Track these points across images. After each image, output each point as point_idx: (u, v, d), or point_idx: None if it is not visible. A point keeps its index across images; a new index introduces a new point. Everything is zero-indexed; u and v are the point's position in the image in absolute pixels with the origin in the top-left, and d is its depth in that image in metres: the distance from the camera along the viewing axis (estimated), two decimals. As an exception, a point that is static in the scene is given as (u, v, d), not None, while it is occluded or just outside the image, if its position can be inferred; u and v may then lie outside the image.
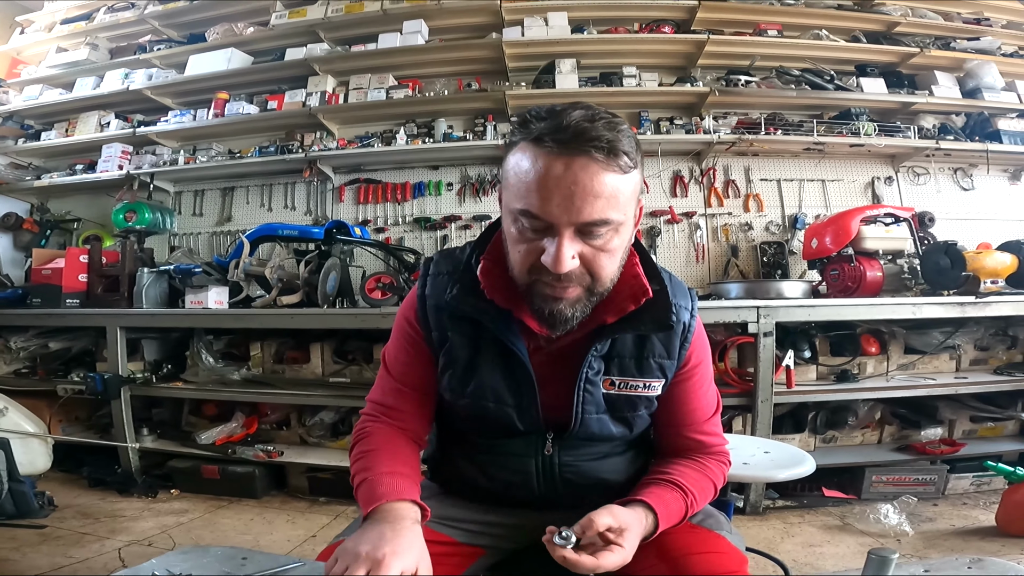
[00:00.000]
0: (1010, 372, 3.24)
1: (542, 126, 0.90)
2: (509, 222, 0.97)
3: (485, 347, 1.09)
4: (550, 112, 0.92)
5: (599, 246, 0.93)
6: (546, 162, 0.88)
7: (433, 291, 1.11)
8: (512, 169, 0.94)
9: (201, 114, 4.18)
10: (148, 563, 0.86)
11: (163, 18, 4.47)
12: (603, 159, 0.88)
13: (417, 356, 1.14)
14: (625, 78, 3.84)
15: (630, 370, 1.09)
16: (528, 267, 0.95)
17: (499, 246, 1.05)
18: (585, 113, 0.90)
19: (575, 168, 0.87)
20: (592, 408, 1.09)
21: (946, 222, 3.61)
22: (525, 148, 0.92)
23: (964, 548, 2.50)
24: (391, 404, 1.15)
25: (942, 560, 0.82)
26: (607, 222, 0.91)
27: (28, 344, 3.69)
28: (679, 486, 1.06)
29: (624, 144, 0.90)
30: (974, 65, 3.91)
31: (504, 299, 1.03)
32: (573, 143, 0.87)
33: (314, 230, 3.56)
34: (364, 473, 1.03)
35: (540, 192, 0.89)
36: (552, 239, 0.90)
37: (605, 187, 0.88)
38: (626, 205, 0.93)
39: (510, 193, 0.95)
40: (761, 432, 2.88)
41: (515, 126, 0.96)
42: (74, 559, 2.38)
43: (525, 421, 1.09)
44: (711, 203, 3.90)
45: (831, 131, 3.71)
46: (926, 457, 3.05)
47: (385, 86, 3.97)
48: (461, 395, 1.10)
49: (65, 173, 4.40)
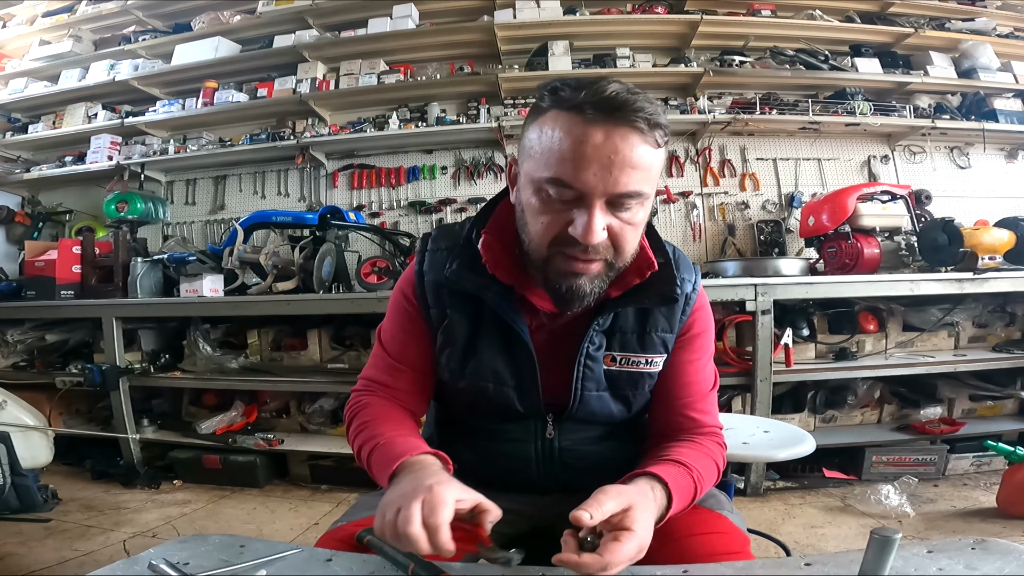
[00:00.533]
0: (1009, 349, 3.24)
1: (580, 95, 0.87)
2: (530, 192, 0.93)
3: (485, 325, 1.06)
4: (586, 82, 0.89)
5: (627, 219, 0.91)
6: (584, 130, 0.86)
7: (432, 267, 1.08)
8: (540, 137, 0.91)
9: (190, 103, 4.15)
10: (146, 552, 0.85)
11: (147, 8, 4.41)
12: (645, 130, 0.87)
13: (415, 333, 1.11)
14: (619, 59, 3.82)
15: (632, 345, 1.07)
16: (551, 238, 0.92)
17: (501, 220, 1.04)
18: (623, 87, 0.88)
19: (615, 137, 0.86)
20: (592, 385, 1.07)
21: (943, 200, 3.60)
22: (558, 116, 0.89)
23: (966, 530, 2.49)
24: (386, 381, 1.11)
25: (945, 541, 0.81)
26: (639, 194, 0.90)
27: (25, 337, 3.69)
28: (683, 463, 0.99)
29: (662, 119, 0.89)
30: (969, 46, 3.90)
31: (506, 274, 1.01)
32: (618, 112, 0.86)
33: (308, 216, 3.54)
34: (373, 440, 0.99)
35: (575, 160, 0.86)
36: (581, 210, 0.88)
37: (642, 159, 0.87)
38: (655, 179, 0.92)
39: (535, 162, 0.92)
40: (760, 412, 2.89)
41: (544, 93, 0.93)
42: (80, 552, 2.39)
43: (525, 403, 1.07)
44: (707, 182, 3.90)
45: (826, 110, 3.71)
46: (926, 437, 3.05)
47: (376, 71, 3.95)
48: (460, 376, 1.08)
49: (55, 165, 4.36)
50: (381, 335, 1.16)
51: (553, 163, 0.88)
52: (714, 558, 0.92)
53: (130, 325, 3.47)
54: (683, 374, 1.11)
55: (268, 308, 3.28)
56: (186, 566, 0.81)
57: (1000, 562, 0.76)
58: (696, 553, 0.94)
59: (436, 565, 0.80)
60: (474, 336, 1.07)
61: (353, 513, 1.09)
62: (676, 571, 0.83)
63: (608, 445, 1.14)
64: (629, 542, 0.77)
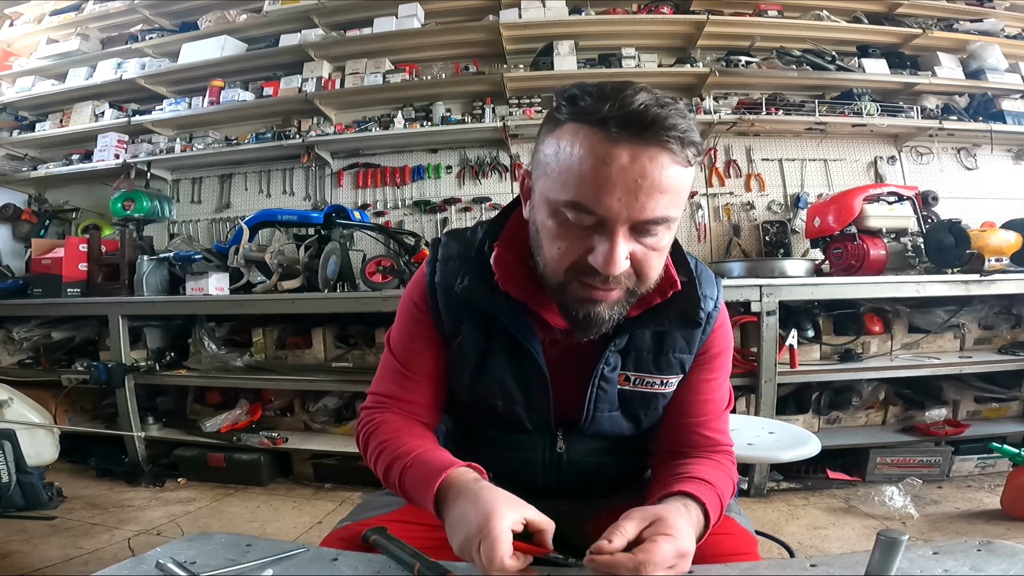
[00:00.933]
0: (1014, 351, 3.21)
1: (604, 107, 0.78)
2: (546, 214, 0.86)
3: (497, 341, 1.02)
4: (609, 91, 0.80)
5: (651, 245, 0.84)
6: (608, 149, 0.77)
7: (443, 278, 1.02)
8: (557, 154, 0.82)
9: (196, 102, 4.16)
10: (153, 551, 0.86)
11: (153, 7, 4.42)
12: (675, 151, 0.78)
13: (427, 340, 1.06)
14: (624, 59, 3.82)
15: (647, 366, 1.02)
16: (567, 266, 0.85)
17: (515, 232, 0.98)
18: (652, 97, 0.78)
19: (643, 159, 0.77)
20: (605, 406, 1.03)
21: (949, 201, 3.59)
22: (578, 131, 0.80)
23: (969, 531, 2.47)
24: (398, 395, 1.06)
25: (950, 542, 0.81)
26: (667, 219, 0.82)
27: (31, 334, 3.70)
28: (708, 482, 0.94)
29: (695, 136, 0.80)
30: (977, 47, 3.87)
31: (519, 291, 0.95)
32: (648, 131, 0.77)
33: (313, 215, 3.54)
34: (402, 460, 0.93)
35: (597, 183, 0.78)
36: (603, 236, 0.81)
37: (672, 181, 0.79)
38: (684, 200, 0.84)
39: (551, 181, 0.83)
40: (765, 412, 2.88)
41: (561, 103, 0.84)
42: (84, 550, 2.39)
43: (535, 421, 1.05)
44: (712, 183, 3.89)
45: (833, 111, 3.69)
46: (930, 438, 3.05)
47: (382, 70, 3.95)
48: (470, 390, 1.05)
49: (62, 163, 4.37)
50: (391, 343, 1.10)
51: (572, 185, 0.80)
52: (722, 559, 0.90)
53: (136, 323, 3.49)
54: (699, 392, 1.06)
55: (273, 307, 3.28)
56: (193, 565, 0.82)
57: (1006, 563, 0.75)
58: (703, 554, 0.90)
59: (442, 565, 0.80)
60: (486, 352, 1.03)
61: (358, 512, 1.08)
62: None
63: (615, 457, 1.12)
64: (667, 544, 0.74)
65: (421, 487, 0.88)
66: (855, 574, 0.73)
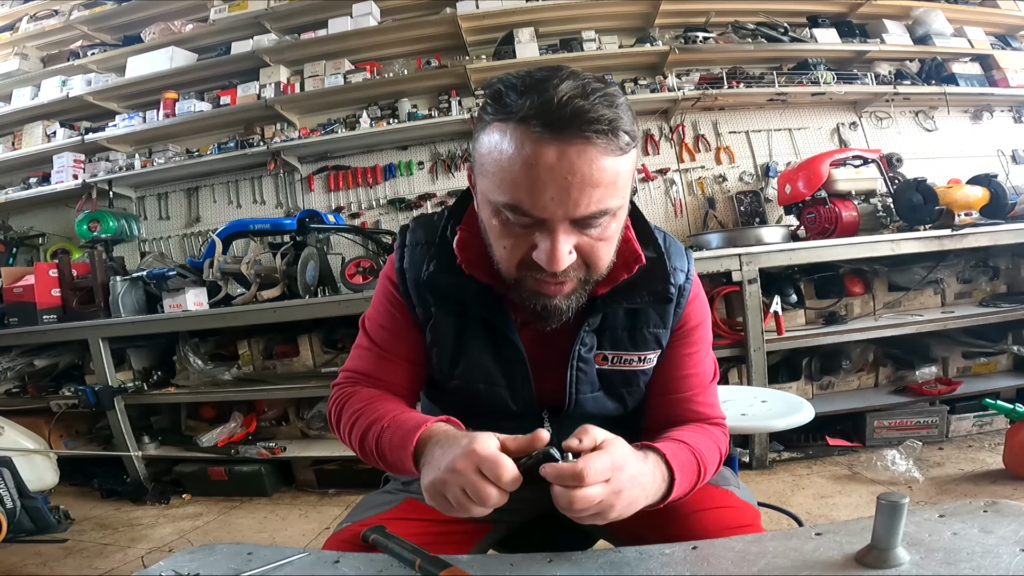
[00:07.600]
0: (995, 303, 3.27)
1: (525, 104, 0.75)
2: (489, 213, 0.85)
3: (471, 325, 1.01)
4: (531, 83, 0.77)
5: (597, 236, 0.83)
6: (534, 149, 0.75)
7: (411, 264, 1.02)
8: (489, 153, 0.81)
9: (151, 115, 4.04)
10: (157, 565, 0.87)
11: (91, 22, 4.28)
12: (603, 143, 0.76)
13: (403, 323, 1.05)
14: (585, 43, 3.83)
15: (623, 343, 1.02)
16: (517, 263, 0.85)
17: (476, 216, 0.95)
18: (575, 85, 0.75)
19: (571, 155, 0.75)
20: (587, 388, 1.03)
21: (913, 162, 3.71)
22: (504, 130, 0.78)
23: (976, 492, 2.45)
24: (373, 373, 1.04)
25: (957, 504, 0.81)
26: (606, 211, 0.80)
27: (13, 364, 3.62)
28: (681, 440, 0.94)
29: (625, 123, 0.78)
30: (921, 12, 3.98)
31: (485, 274, 0.94)
32: (569, 127, 0.74)
33: (286, 222, 3.51)
34: (378, 424, 0.92)
35: (529, 184, 0.77)
36: (544, 234, 0.81)
37: (605, 174, 0.77)
38: (625, 187, 0.83)
39: (489, 182, 0.82)
40: (757, 382, 2.93)
41: (487, 100, 0.81)
42: (100, 570, 2.41)
43: (519, 402, 1.04)
44: (683, 158, 3.95)
45: (791, 81, 3.76)
46: (924, 398, 3.08)
47: (342, 71, 3.89)
48: (450, 376, 1.04)
49: (20, 188, 4.24)
50: (366, 324, 1.09)
51: (507, 187, 0.79)
52: (724, 532, 0.89)
53: (117, 345, 3.43)
54: (682, 367, 1.06)
55: (255, 317, 3.25)
56: None
57: (1015, 524, 0.75)
58: (706, 529, 0.92)
59: (443, 559, 0.80)
60: (462, 336, 1.02)
61: (356, 513, 1.08)
62: (685, 548, 0.82)
63: None
64: (603, 455, 0.74)
65: (399, 446, 0.87)
66: (862, 540, 0.73)
